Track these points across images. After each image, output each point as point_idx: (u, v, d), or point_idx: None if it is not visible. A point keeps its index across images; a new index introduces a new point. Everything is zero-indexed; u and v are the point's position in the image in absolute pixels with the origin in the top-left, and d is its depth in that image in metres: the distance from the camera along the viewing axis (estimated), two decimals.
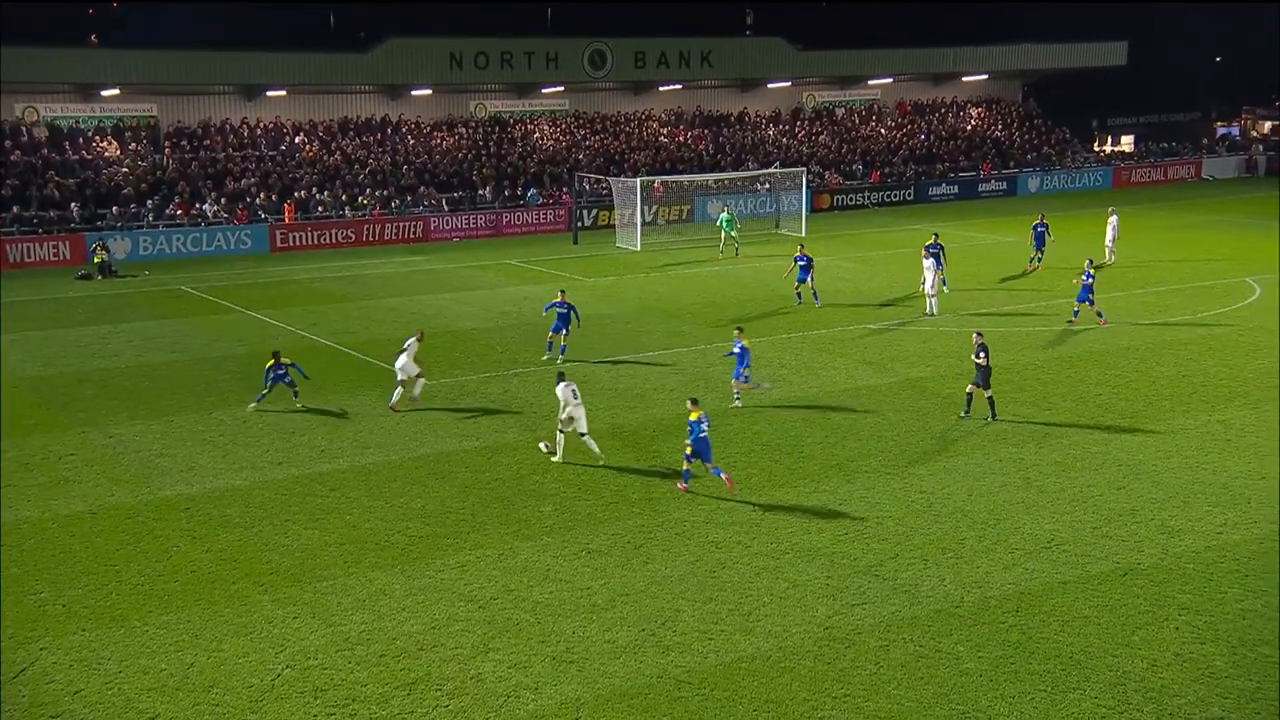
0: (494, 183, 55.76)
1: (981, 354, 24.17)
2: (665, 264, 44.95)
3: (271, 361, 25.33)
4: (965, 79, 73.15)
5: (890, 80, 71.06)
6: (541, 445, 22.47)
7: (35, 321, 35.21)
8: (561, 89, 61.63)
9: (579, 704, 13.85)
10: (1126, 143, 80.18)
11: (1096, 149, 78.31)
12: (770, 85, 66.98)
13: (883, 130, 69.66)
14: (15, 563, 17.83)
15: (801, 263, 35.32)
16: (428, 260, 46.73)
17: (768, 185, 57.96)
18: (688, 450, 20.46)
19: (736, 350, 24.91)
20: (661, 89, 64.16)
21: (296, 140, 55.28)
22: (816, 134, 67.39)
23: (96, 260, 43.43)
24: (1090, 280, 32.33)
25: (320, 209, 51.38)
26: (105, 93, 51.68)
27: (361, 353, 30.89)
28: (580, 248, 49.64)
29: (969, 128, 72.15)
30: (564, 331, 28.99)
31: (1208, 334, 31.50)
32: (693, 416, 20.28)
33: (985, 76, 73.26)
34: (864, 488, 20.66)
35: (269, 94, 54.92)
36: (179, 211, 48.83)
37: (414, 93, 58.08)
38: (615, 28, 59.67)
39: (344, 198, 52.25)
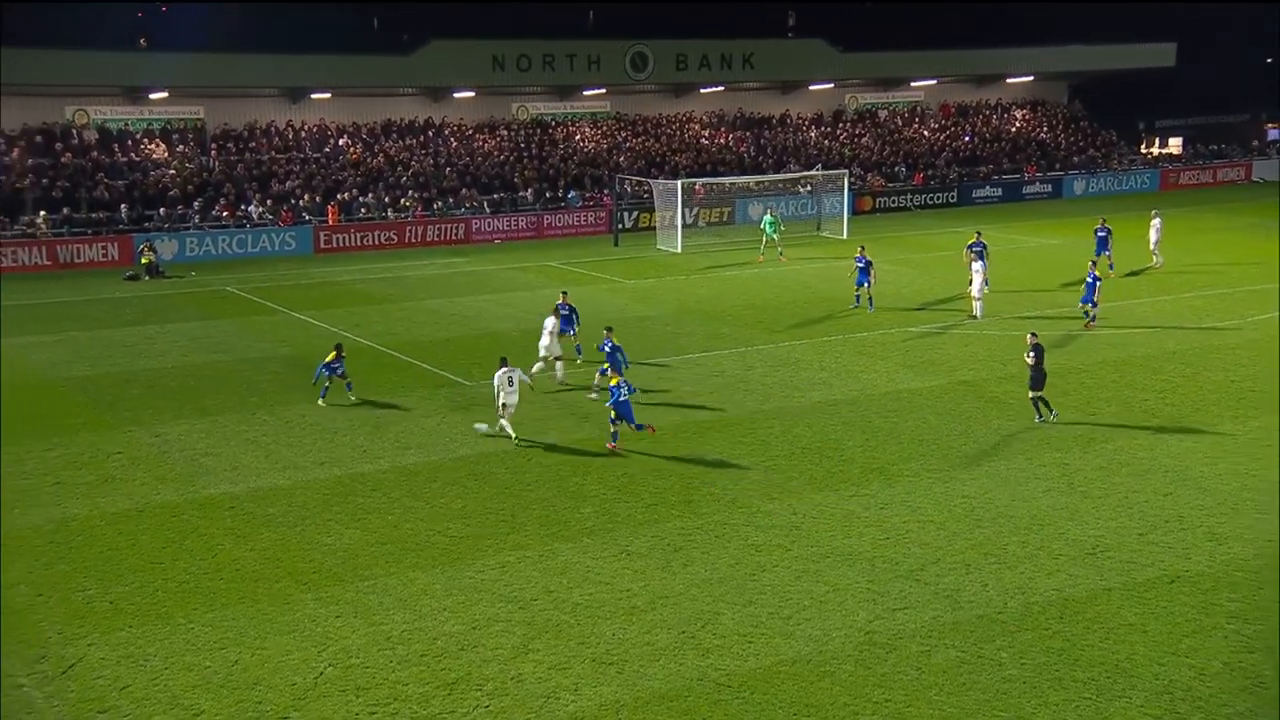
0: (535, 185, 55.94)
1: (1031, 354, 24.00)
2: (705, 266, 44.89)
3: (333, 355, 25.98)
4: (1010, 80, 72.57)
5: (934, 82, 70.62)
6: (479, 426, 23.90)
7: (83, 322, 35.70)
8: (603, 91, 61.71)
9: (619, 706, 13.85)
10: (1175, 145, 79.13)
11: (1144, 151, 77.37)
12: (812, 87, 66.76)
13: (925, 132, 69.22)
14: (63, 559, 18.09)
15: (860, 265, 35.20)
16: (469, 262, 46.94)
17: (809, 187, 57.74)
18: (611, 414, 22.59)
19: (607, 349, 25.61)
20: (703, 91, 64.10)
21: (340, 142, 55.73)
22: (859, 136, 67.06)
23: (144, 261, 43.96)
24: (1094, 282, 32.01)
25: (363, 211, 51.78)
26: (153, 95, 52.30)
27: (403, 354, 31.07)
28: (621, 250, 49.68)
29: (1014, 130, 71.54)
30: (570, 332, 29.05)
31: (1257, 338, 31.01)
32: (612, 382, 22.74)
33: (1030, 78, 72.63)
34: (905, 491, 20.54)
35: (313, 97, 55.41)
36: (224, 213, 49.38)
37: (456, 95, 58.38)
38: (657, 30, 59.62)
39: (387, 199, 52.62)
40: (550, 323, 27.59)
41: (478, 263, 46.63)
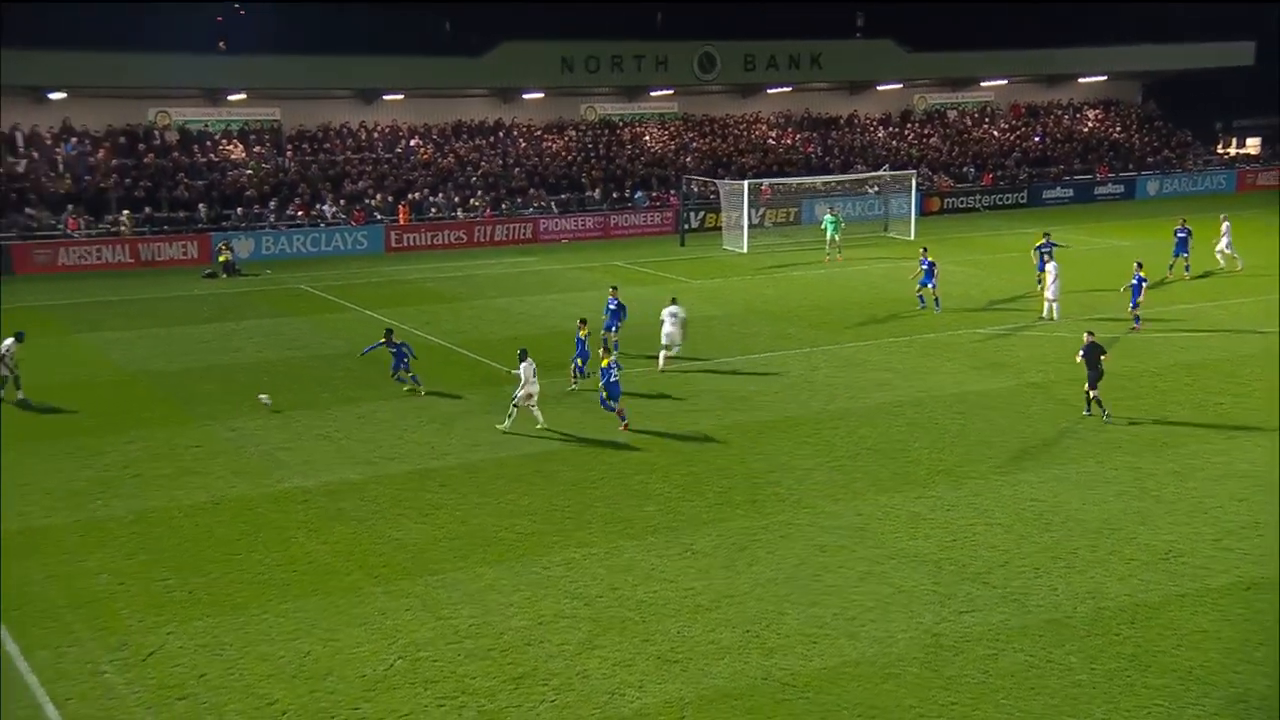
0: (602, 185, 56.20)
1: (1080, 353, 23.81)
2: (771, 266, 44.81)
3: (383, 340, 26.88)
4: (1082, 80, 71.44)
5: (1004, 82, 69.75)
6: (262, 398, 25.92)
7: (163, 318, 36.47)
8: (670, 92, 61.81)
9: (683, 703, 13.92)
10: (1252, 145, 77.36)
11: (1220, 151, 75.75)
12: (880, 87, 66.27)
13: (995, 132, 68.42)
14: (143, 550, 18.56)
15: (924, 266, 35.04)
16: (537, 261, 47.28)
17: (876, 188, 57.38)
18: (603, 394, 23.86)
19: (578, 338, 26.78)
20: (770, 91, 63.91)
21: (412, 143, 56.43)
22: (927, 136, 66.46)
23: (221, 259, 44.88)
24: (1140, 284, 31.45)
25: (434, 210, 52.41)
26: (232, 97, 53.39)
27: (473, 352, 31.39)
28: (687, 249, 49.74)
29: (1086, 130, 70.43)
30: (614, 328, 29.64)
31: None
32: (604, 364, 23.88)
33: (1103, 78, 71.43)
34: (972, 494, 20.38)
35: (386, 98, 56.13)
36: (299, 212, 50.26)
37: (525, 96, 58.81)
38: (724, 31, 59.57)
39: (456, 199, 53.20)
40: (669, 311, 28.67)
41: (545, 262, 46.95)
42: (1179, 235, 39.62)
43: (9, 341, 26.46)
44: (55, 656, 15.14)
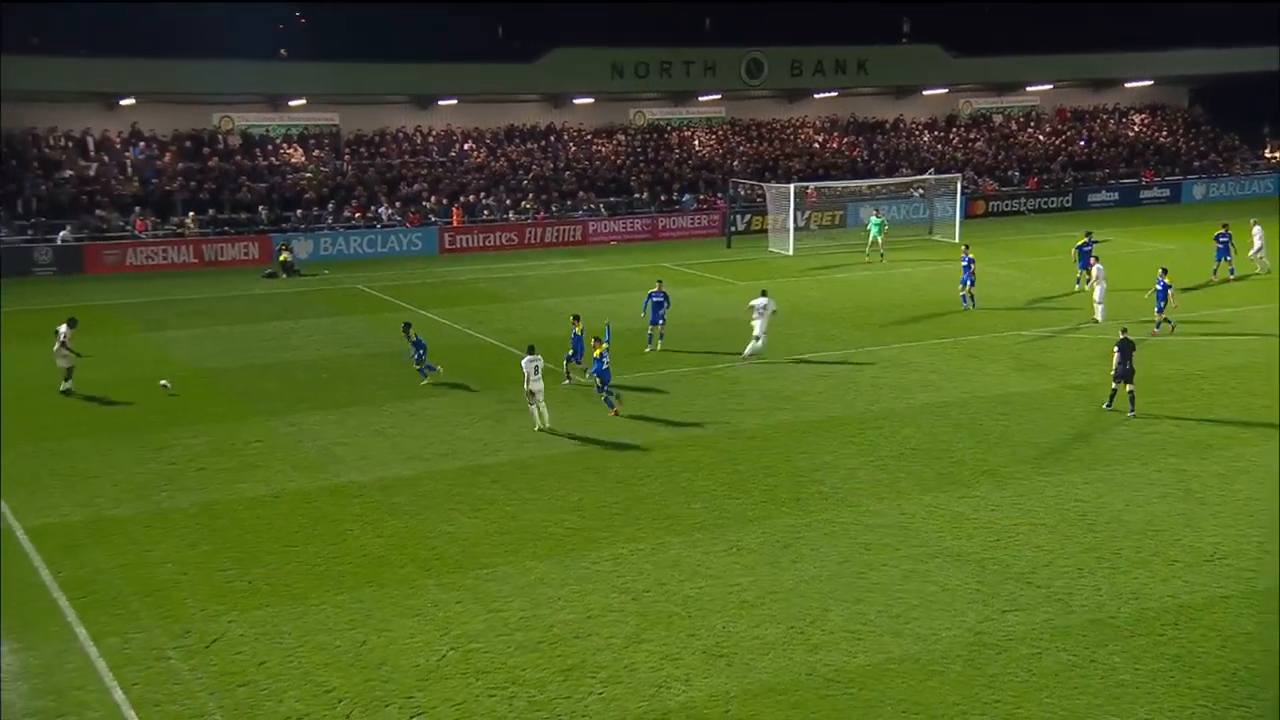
0: (650, 188, 56.57)
1: (1115, 349, 23.98)
2: (816, 268, 44.93)
3: (404, 334, 28.14)
4: (1128, 85, 70.83)
5: (1049, 86, 69.26)
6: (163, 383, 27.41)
7: (225, 317, 37.19)
8: (718, 97, 62.02)
9: (728, 697, 14.18)
10: None
11: (1268, 155, 74.71)
12: (926, 92, 66.11)
13: (1040, 137, 68.05)
14: (206, 540, 19.12)
15: (964, 263, 35.16)
16: (586, 262, 47.66)
17: (921, 191, 57.30)
18: (597, 383, 25.00)
19: (574, 333, 27.39)
20: (816, 96, 63.95)
21: (465, 147, 57.10)
22: (972, 141, 66.24)
23: (281, 260, 45.72)
24: (1163, 289, 31.33)
25: (486, 213, 53.06)
26: (293, 103, 54.35)
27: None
28: (733, 252, 49.95)
29: (1131, 134, 69.84)
30: (660, 323, 30.44)
31: None
32: (595, 353, 24.94)
33: (1150, 82, 70.77)
34: (1016, 494, 20.51)
35: (441, 103, 56.82)
36: (356, 215, 51.07)
37: (576, 101, 59.30)
38: (772, 36, 59.68)
39: (508, 202, 53.80)
40: (757, 303, 29.46)
41: (594, 263, 47.34)
42: (1221, 240, 39.49)
43: (63, 328, 27.32)
44: (122, 643, 15.67)
